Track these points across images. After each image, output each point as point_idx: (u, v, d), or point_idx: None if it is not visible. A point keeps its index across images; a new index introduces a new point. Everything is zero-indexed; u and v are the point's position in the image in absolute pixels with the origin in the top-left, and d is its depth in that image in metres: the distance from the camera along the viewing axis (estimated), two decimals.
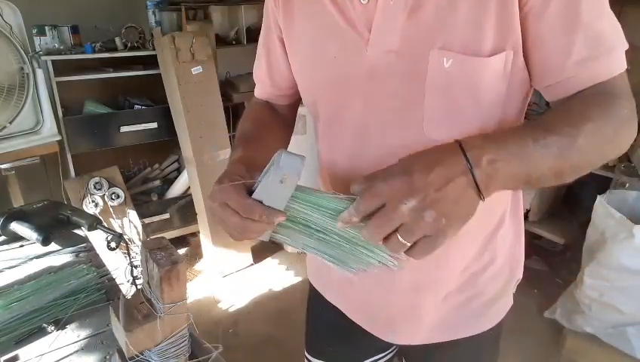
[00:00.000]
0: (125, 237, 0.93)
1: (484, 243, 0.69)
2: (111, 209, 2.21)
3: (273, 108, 0.81)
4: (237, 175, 0.54)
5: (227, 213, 0.52)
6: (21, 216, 1.01)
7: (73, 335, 0.78)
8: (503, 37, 0.53)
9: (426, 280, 0.68)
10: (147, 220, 2.44)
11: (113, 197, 2.22)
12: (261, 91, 0.82)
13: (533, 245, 2.57)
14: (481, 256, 0.70)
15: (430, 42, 0.54)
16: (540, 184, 0.50)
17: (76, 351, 0.75)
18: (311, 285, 0.89)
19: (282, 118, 0.81)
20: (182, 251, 2.66)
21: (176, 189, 2.62)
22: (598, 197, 1.78)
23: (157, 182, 2.68)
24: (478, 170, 0.44)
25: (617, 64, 0.53)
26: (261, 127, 0.75)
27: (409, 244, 0.45)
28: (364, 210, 0.46)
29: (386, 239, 0.46)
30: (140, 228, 2.31)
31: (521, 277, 0.77)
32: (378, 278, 0.70)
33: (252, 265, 2.57)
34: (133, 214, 2.30)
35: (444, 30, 0.54)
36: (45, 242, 0.95)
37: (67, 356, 0.74)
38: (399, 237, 0.44)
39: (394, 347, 0.85)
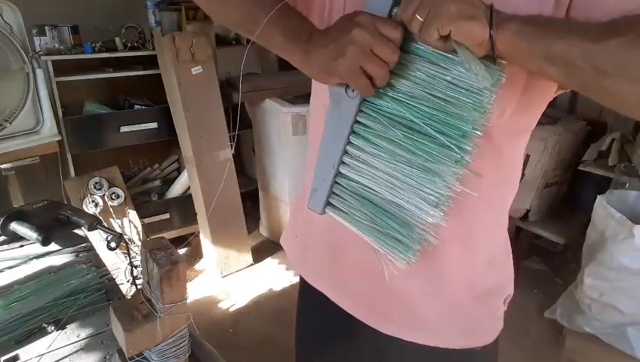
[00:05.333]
0: (125, 237, 0.93)
1: (478, 257, 0.67)
2: (111, 209, 2.21)
3: None
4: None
5: (396, 50, 0.50)
6: (21, 216, 1.01)
7: (73, 335, 0.78)
8: None
9: (416, 265, 0.63)
10: (147, 220, 2.44)
11: (113, 197, 2.22)
12: None
13: (533, 245, 2.57)
14: (474, 269, 0.68)
15: None
16: (562, 64, 0.45)
17: (76, 351, 0.75)
18: (301, 281, 0.85)
19: None
20: (182, 251, 2.66)
21: (176, 189, 2.62)
22: (598, 197, 1.78)
23: (157, 182, 2.68)
24: (497, 16, 0.46)
25: None
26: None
27: (421, 19, 0.46)
28: None
29: (410, 21, 0.48)
30: (140, 228, 2.31)
31: (512, 294, 0.75)
32: (368, 261, 0.68)
33: (252, 265, 2.57)
34: (133, 214, 2.30)
35: None
36: (45, 242, 0.95)
37: (67, 356, 0.74)
38: (417, 14, 0.47)
39: None
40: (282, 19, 0.58)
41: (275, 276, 2.48)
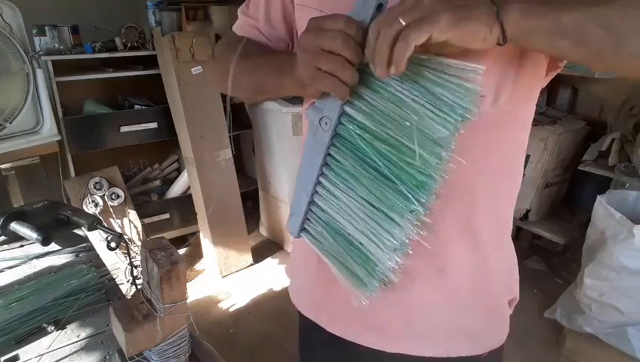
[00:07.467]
0: (125, 237, 0.93)
1: (482, 263, 0.66)
2: (111, 209, 2.21)
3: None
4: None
5: (346, 38, 0.47)
6: (21, 216, 1.00)
7: (73, 335, 0.78)
8: None
9: (418, 268, 0.62)
10: (147, 220, 2.44)
11: (113, 197, 2.22)
12: (248, 27, 0.73)
13: (533, 245, 2.57)
14: (480, 275, 0.66)
15: None
16: (574, 34, 0.44)
17: (76, 351, 0.75)
18: (301, 318, 0.81)
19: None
20: (182, 251, 2.66)
21: (176, 189, 2.62)
22: (598, 197, 1.78)
23: (157, 182, 2.68)
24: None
25: None
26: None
27: (404, 23, 0.43)
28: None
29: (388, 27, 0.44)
30: (139, 228, 2.31)
31: (518, 297, 0.74)
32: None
33: (252, 265, 2.57)
34: (133, 214, 2.30)
35: None
36: (45, 242, 0.95)
37: (67, 356, 0.74)
38: (400, 19, 0.43)
39: None
40: (270, 62, 0.61)
41: (275, 276, 2.48)
